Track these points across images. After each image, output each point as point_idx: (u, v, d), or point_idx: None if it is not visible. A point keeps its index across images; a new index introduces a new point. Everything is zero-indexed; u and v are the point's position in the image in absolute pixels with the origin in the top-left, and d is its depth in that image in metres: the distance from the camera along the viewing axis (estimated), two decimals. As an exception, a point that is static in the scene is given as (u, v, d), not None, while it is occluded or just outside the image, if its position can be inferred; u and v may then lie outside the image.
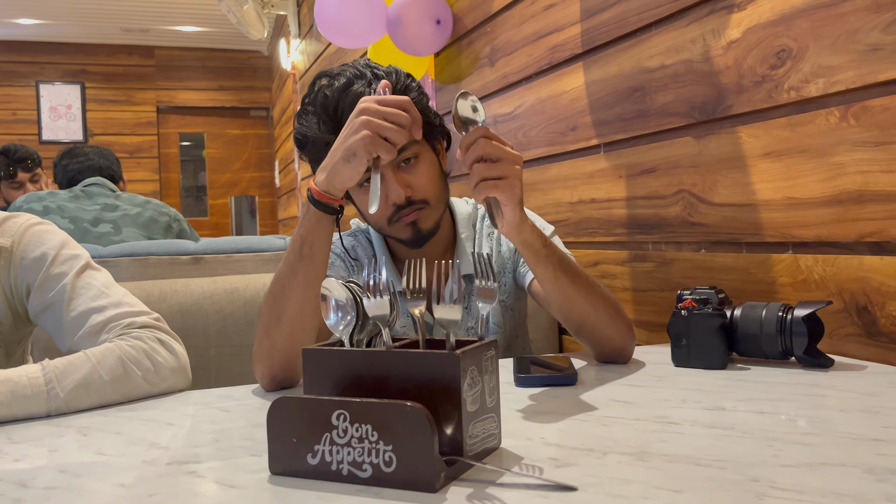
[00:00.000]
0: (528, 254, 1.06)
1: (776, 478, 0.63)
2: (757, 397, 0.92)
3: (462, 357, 0.66)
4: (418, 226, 1.22)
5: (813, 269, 1.21)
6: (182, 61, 8.13)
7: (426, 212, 1.22)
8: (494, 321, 1.35)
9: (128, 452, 0.79)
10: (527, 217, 1.04)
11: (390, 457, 0.63)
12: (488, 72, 2.31)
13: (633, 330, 1.17)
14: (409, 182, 1.20)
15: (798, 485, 0.61)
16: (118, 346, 1.04)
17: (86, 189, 2.43)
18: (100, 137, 7.68)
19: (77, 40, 7.62)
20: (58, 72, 7.64)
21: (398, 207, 1.19)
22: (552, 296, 1.12)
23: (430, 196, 1.22)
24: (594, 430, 0.80)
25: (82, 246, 1.25)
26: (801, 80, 1.20)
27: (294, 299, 1.06)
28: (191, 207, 8.28)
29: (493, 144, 0.97)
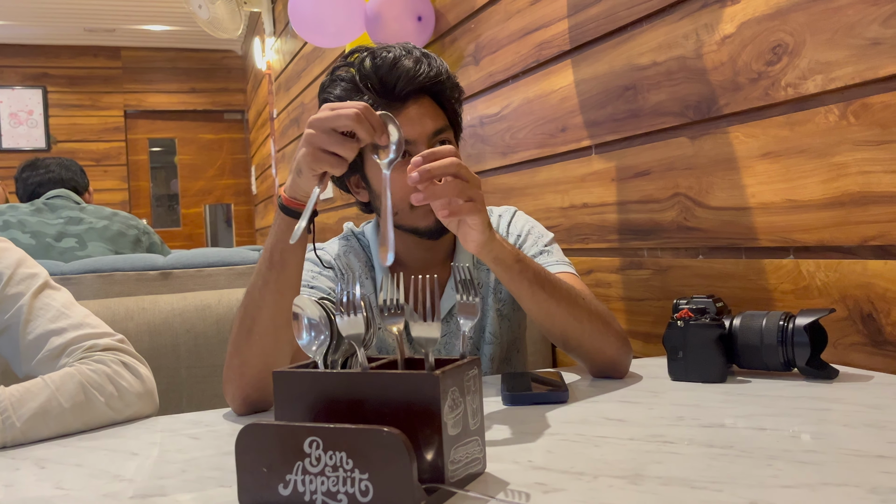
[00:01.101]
0: (500, 270, 1.08)
1: (775, 500, 0.63)
2: (757, 413, 0.92)
3: (442, 377, 0.66)
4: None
5: (815, 275, 1.22)
6: (151, 62, 8.10)
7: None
8: (490, 331, 1.36)
9: (88, 486, 0.79)
10: (495, 234, 1.07)
11: (366, 486, 0.63)
12: (473, 71, 2.31)
13: (628, 342, 1.17)
14: None
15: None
16: (79, 370, 1.03)
17: (49, 202, 2.42)
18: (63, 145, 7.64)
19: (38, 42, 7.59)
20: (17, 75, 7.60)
21: None
22: (531, 312, 1.13)
23: None
24: (585, 451, 0.80)
25: (42, 263, 1.24)
26: (799, 77, 1.21)
27: (265, 310, 1.05)
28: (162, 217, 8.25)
29: (464, 165, 1.02)
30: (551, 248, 1.33)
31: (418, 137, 1.22)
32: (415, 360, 0.75)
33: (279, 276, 1.05)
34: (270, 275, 1.06)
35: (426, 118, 1.23)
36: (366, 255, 1.35)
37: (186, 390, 1.58)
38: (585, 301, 1.14)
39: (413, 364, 0.74)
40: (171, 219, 8.30)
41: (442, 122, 1.25)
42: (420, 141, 1.22)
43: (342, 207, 4.10)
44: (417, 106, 1.23)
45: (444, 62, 1.27)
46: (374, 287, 1.32)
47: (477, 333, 1.36)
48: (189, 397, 1.57)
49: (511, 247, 1.10)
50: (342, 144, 0.97)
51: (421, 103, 1.24)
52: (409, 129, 1.21)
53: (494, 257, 1.07)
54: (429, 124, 1.23)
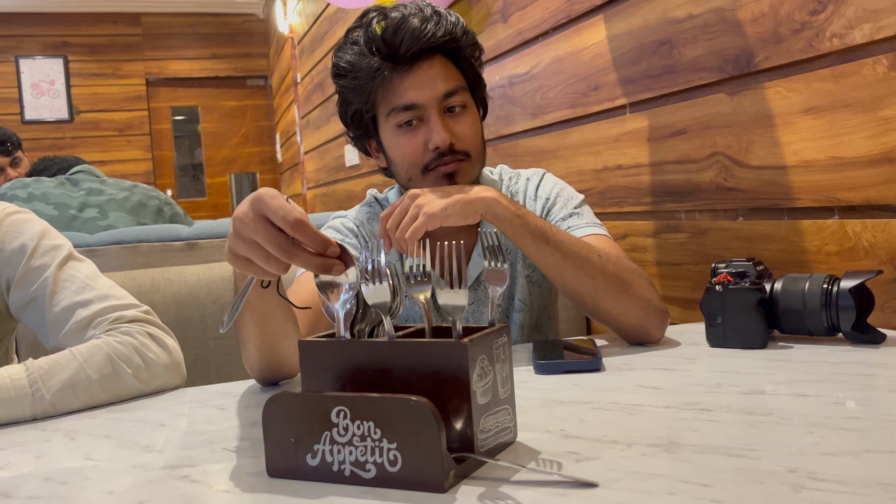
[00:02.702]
0: (502, 227, 1.12)
1: (816, 468, 0.62)
2: (799, 379, 0.91)
3: (470, 345, 0.66)
4: (455, 179, 1.24)
5: (861, 236, 1.20)
6: (171, 28, 8.13)
7: (466, 165, 1.25)
8: (520, 298, 1.36)
9: (118, 457, 0.81)
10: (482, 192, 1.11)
11: (395, 455, 0.64)
12: (501, 28, 2.29)
13: (657, 306, 1.16)
14: (454, 129, 1.24)
15: (840, 475, 0.60)
16: (106, 342, 1.05)
17: (71, 177, 2.48)
18: (86, 115, 7.73)
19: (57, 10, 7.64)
20: (38, 45, 7.67)
21: (439, 154, 1.22)
22: (542, 269, 1.16)
23: (473, 150, 1.26)
24: (619, 419, 0.80)
25: (66, 235, 1.26)
26: (845, 27, 1.18)
27: (250, 338, 1.00)
28: (187, 187, 8.33)
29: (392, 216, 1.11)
30: (581, 209, 1.32)
31: (427, 101, 1.22)
32: (442, 328, 0.75)
33: (252, 313, 0.97)
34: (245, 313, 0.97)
35: (436, 80, 1.23)
36: None
37: (214, 361, 1.61)
38: (602, 259, 1.14)
39: (441, 332, 0.75)
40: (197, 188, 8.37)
41: (455, 84, 1.24)
42: (430, 104, 1.22)
43: (368, 175, 4.11)
44: (427, 67, 1.23)
45: (460, 19, 1.26)
46: (401, 255, 1.33)
47: (506, 301, 1.36)
48: (217, 368, 1.60)
49: (510, 202, 1.12)
50: (260, 260, 0.76)
51: (432, 64, 1.23)
52: (417, 93, 1.22)
53: (494, 214, 1.11)
54: (439, 86, 1.22)
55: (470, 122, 1.26)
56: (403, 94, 1.22)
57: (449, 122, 1.24)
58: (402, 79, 1.22)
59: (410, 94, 1.22)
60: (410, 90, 1.22)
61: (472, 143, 1.26)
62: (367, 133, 1.31)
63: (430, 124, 1.22)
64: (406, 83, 1.22)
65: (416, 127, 1.24)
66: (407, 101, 1.22)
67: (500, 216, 1.11)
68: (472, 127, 1.26)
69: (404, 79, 1.22)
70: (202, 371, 1.57)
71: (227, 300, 1.63)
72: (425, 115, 1.23)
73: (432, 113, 1.22)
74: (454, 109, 1.25)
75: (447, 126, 1.23)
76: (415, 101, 1.22)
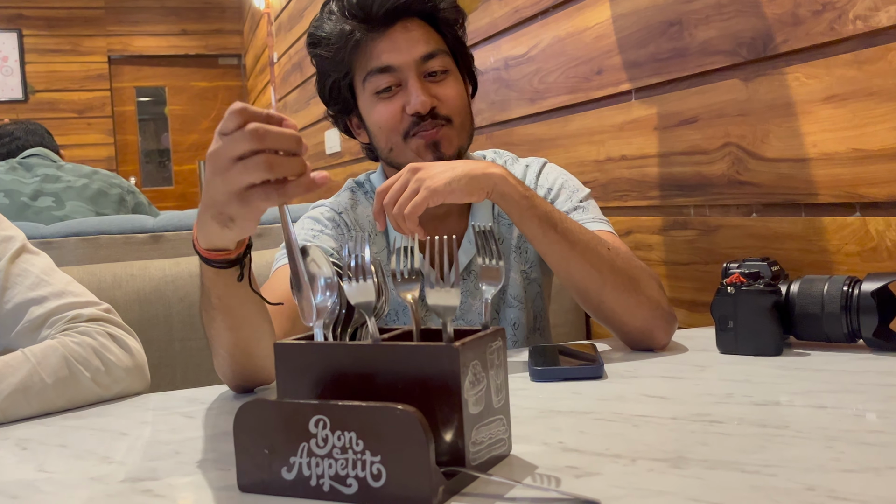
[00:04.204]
0: (508, 207, 1.12)
1: (836, 485, 0.62)
2: (817, 389, 0.92)
3: (462, 350, 0.66)
4: (440, 148, 1.25)
5: (885, 235, 1.20)
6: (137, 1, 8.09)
7: (448, 131, 1.26)
8: (512, 294, 1.37)
9: (74, 468, 0.80)
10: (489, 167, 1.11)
11: (379, 469, 0.63)
12: (496, 6, 2.29)
13: (666, 310, 1.17)
14: (435, 92, 1.25)
15: (862, 493, 0.61)
16: (62, 343, 1.04)
17: (24, 161, 2.45)
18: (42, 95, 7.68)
19: (11, -21, 7.60)
20: (-10, 18, 7.63)
21: (419, 119, 1.24)
22: (546, 258, 1.16)
23: (456, 115, 1.27)
24: (622, 431, 0.80)
25: (18, 225, 1.25)
26: (870, 8, 1.18)
27: (221, 342, 1.00)
28: (153, 175, 8.31)
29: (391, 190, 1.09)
30: (587, 203, 1.33)
31: (403, 63, 1.24)
32: (432, 330, 0.75)
33: (225, 316, 0.96)
34: (216, 314, 0.97)
35: (413, 42, 1.25)
36: None
37: (180, 364, 1.60)
38: (610, 253, 1.15)
39: (430, 335, 0.74)
40: (163, 176, 8.35)
41: (434, 46, 1.26)
42: (407, 67, 1.25)
43: (349, 163, 4.10)
44: (403, 29, 1.25)
45: None
46: (387, 242, 1.32)
47: (496, 296, 1.36)
48: (183, 372, 1.59)
49: (518, 182, 1.12)
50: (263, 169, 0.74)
51: (408, 26, 1.26)
52: (393, 55, 1.24)
53: (500, 193, 1.10)
54: (416, 48, 1.25)
55: (452, 85, 1.28)
56: (378, 56, 1.25)
57: (429, 85, 1.26)
58: (377, 41, 1.25)
59: (386, 57, 1.24)
60: (386, 52, 1.25)
61: (454, 108, 1.27)
62: (347, 107, 1.33)
63: (408, 88, 1.24)
64: (381, 45, 1.25)
65: (394, 92, 1.26)
66: (382, 64, 1.24)
67: (507, 195, 1.11)
68: (454, 90, 1.28)
69: (379, 41, 1.25)
70: (167, 375, 1.57)
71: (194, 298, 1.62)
72: (403, 80, 1.25)
73: (410, 76, 1.24)
74: (435, 74, 1.27)
75: (426, 89, 1.25)
76: (390, 62, 1.24)
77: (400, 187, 1.09)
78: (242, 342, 0.99)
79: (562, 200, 1.33)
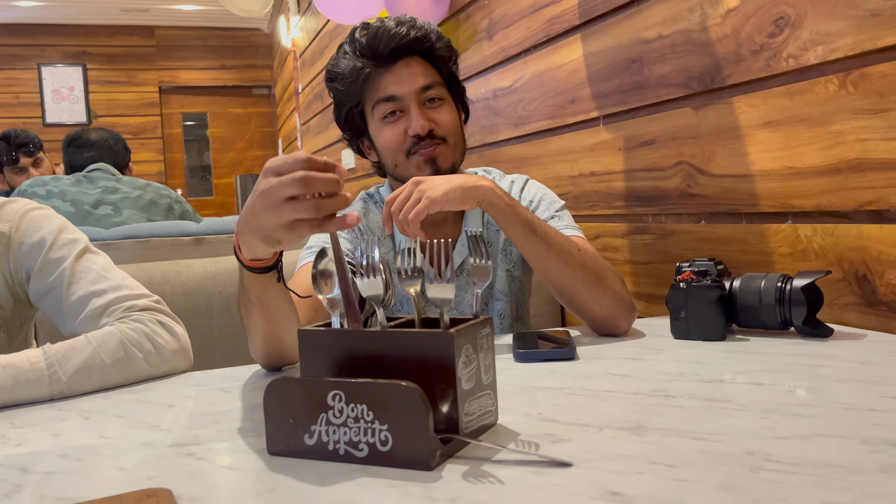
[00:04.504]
0: (494, 214, 1.13)
1: (770, 450, 0.62)
2: (755, 369, 0.91)
3: (456, 335, 0.66)
4: (437, 163, 1.26)
5: (812, 239, 1.20)
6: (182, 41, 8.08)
7: (444, 149, 1.27)
8: (499, 289, 1.37)
9: (129, 435, 0.80)
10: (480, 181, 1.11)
11: (386, 436, 0.63)
12: (486, 45, 2.28)
13: (628, 302, 1.17)
14: (432, 117, 1.27)
15: (792, 457, 0.60)
16: (119, 329, 1.04)
17: (88, 174, 2.43)
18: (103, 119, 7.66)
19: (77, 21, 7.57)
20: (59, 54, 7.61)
21: (418, 139, 1.26)
22: (527, 257, 1.17)
23: (450, 136, 1.29)
24: (591, 404, 0.80)
25: (82, 229, 1.24)
26: (800, 48, 1.18)
27: (258, 331, 0.99)
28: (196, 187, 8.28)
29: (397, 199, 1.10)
30: (562, 213, 1.33)
31: (406, 93, 1.26)
32: (431, 319, 0.75)
33: (263, 311, 0.96)
34: (254, 309, 0.96)
35: (414, 76, 1.26)
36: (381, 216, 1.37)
37: (219, 348, 1.59)
38: (581, 253, 1.16)
39: (429, 323, 0.74)
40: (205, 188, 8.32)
41: (431, 79, 1.28)
42: (409, 97, 1.26)
43: (363, 177, 4.09)
44: (405, 65, 1.27)
45: (433, 26, 1.30)
46: (394, 244, 1.33)
47: (485, 290, 1.37)
48: (222, 354, 1.59)
49: (504, 193, 1.14)
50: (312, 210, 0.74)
51: (409, 63, 1.27)
52: (397, 87, 1.26)
53: (489, 202, 1.12)
54: (417, 81, 1.26)
55: (447, 111, 1.29)
56: (385, 88, 1.26)
57: (428, 111, 1.27)
58: (383, 75, 1.26)
59: (391, 88, 1.26)
60: (391, 84, 1.26)
61: (448, 130, 1.28)
62: (359, 131, 1.34)
63: (409, 114, 1.26)
64: (387, 79, 1.26)
65: (398, 117, 1.27)
66: (388, 94, 1.26)
67: (494, 204, 1.12)
68: (448, 115, 1.29)
69: (385, 75, 1.26)
70: (208, 356, 1.56)
71: (231, 291, 1.62)
72: (406, 107, 1.26)
73: (411, 104, 1.26)
74: (433, 101, 1.28)
75: (425, 115, 1.26)
76: (395, 93, 1.26)
77: (405, 197, 1.10)
78: (275, 330, 0.99)
79: (541, 210, 1.33)
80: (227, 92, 8.33)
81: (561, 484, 0.58)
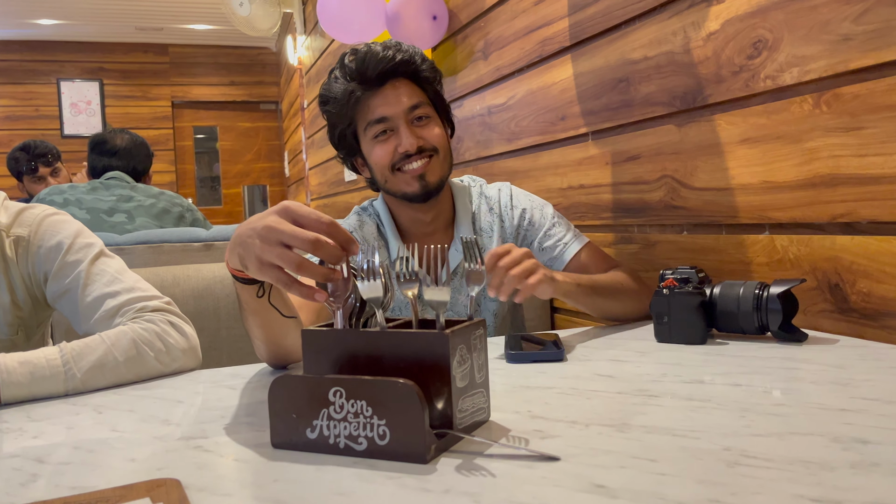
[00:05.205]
0: (569, 300, 1.18)
1: (747, 447, 0.63)
2: (733, 371, 0.92)
3: (451, 336, 0.66)
4: (426, 178, 1.28)
5: (788, 249, 1.21)
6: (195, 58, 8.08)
7: (434, 161, 1.29)
8: None
9: (140, 429, 0.80)
10: (554, 277, 1.12)
11: (384, 430, 0.63)
12: (482, 65, 2.29)
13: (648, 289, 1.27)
14: (420, 134, 1.28)
15: (767, 453, 0.61)
16: (131, 328, 1.04)
17: (104, 182, 2.42)
18: (118, 131, 7.64)
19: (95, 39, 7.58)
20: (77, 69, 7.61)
21: (407, 155, 1.27)
22: (590, 312, 1.25)
23: (440, 146, 1.30)
24: (578, 403, 0.80)
25: (97, 235, 1.24)
26: (777, 70, 1.19)
27: (257, 335, 1.00)
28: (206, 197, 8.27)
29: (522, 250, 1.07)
30: (556, 218, 1.39)
31: (395, 113, 1.27)
32: (427, 320, 0.75)
33: (254, 317, 0.95)
34: (246, 315, 0.97)
35: (401, 97, 1.27)
36: (377, 226, 1.37)
37: (226, 348, 1.59)
38: (623, 285, 1.26)
39: (426, 324, 0.74)
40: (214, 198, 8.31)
41: (418, 99, 1.29)
42: (397, 116, 1.27)
43: (364, 188, 4.09)
44: (393, 87, 1.28)
45: (418, 49, 1.31)
46: (388, 255, 1.34)
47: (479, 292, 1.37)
48: (229, 354, 1.59)
49: (566, 276, 1.17)
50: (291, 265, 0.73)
51: (396, 85, 1.28)
52: (385, 108, 1.27)
53: (564, 293, 1.15)
54: (404, 101, 1.27)
55: (434, 127, 1.30)
56: (374, 110, 1.27)
57: (416, 129, 1.28)
58: (373, 97, 1.28)
59: (381, 110, 1.27)
60: (380, 106, 1.27)
61: (438, 142, 1.30)
62: (352, 150, 1.35)
63: (399, 132, 1.27)
64: (376, 101, 1.27)
65: (388, 136, 1.29)
66: (378, 116, 1.27)
67: (569, 293, 1.17)
68: (436, 130, 1.30)
69: (374, 97, 1.27)
70: (215, 356, 1.56)
71: (238, 295, 1.61)
72: (395, 126, 1.27)
73: (400, 123, 1.27)
74: (421, 120, 1.29)
75: (413, 132, 1.27)
76: (384, 114, 1.27)
77: (519, 256, 1.05)
78: (272, 336, 0.99)
79: (537, 216, 1.37)
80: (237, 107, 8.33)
81: (549, 477, 0.58)
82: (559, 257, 1.36)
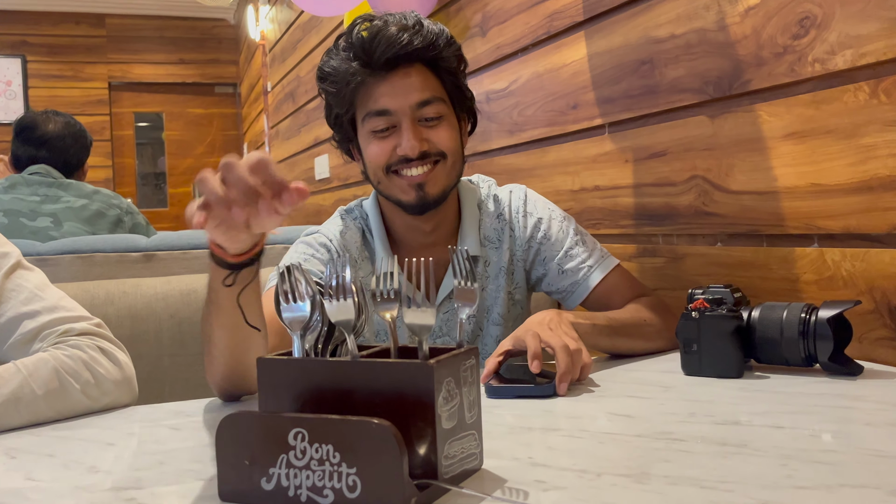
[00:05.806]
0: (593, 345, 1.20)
1: (789, 501, 0.63)
2: (775, 410, 0.92)
3: (436, 367, 0.66)
4: (425, 189, 1.27)
5: (840, 265, 1.22)
6: (137, 31, 8.08)
7: (439, 170, 1.27)
8: (499, 312, 1.40)
9: (61, 477, 0.79)
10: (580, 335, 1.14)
11: (354, 481, 0.63)
12: (479, 43, 2.30)
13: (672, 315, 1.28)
14: (427, 136, 1.27)
15: (813, 509, 0.61)
16: (53, 355, 1.03)
17: (27, 177, 2.39)
18: (44, 118, 7.62)
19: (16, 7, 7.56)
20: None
21: (406, 160, 1.26)
22: (612, 353, 1.28)
23: (449, 151, 1.29)
24: (589, 447, 0.80)
25: (13, 242, 1.24)
26: (827, 52, 1.20)
27: (216, 342, 1.01)
28: (148, 197, 8.25)
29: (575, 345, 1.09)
30: (580, 235, 1.39)
31: (399, 107, 1.25)
32: (409, 348, 0.75)
33: (217, 313, 0.97)
34: (210, 310, 0.98)
35: (411, 88, 1.25)
36: (362, 233, 1.37)
37: (169, 379, 1.59)
38: (647, 321, 1.28)
39: (407, 353, 0.74)
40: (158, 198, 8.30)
41: (430, 94, 1.27)
42: (402, 112, 1.25)
43: (338, 188, 4.10)
44: (404, 75, 1.26)
45: (444, 30, 1.29)
46: (373, 266, 1.34)
47: (481, 313, 1.38)
48: (171, 386, 1.58)
49: (578, 316, 1.20)
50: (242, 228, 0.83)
51: (408, 72, 1.26)
52: (390, 100, 1.25)
53: (593, 346, 1.19)
54: (413, 95, 1.25)
55: (444, 130, 1.28)
56: (377, 99, 1.26)
57: (422, 130, 1.26)
58: (377, 85, 1.25)
59: (384, 101, 1.25)
60: (384, 96, 1.25)
61: (447, 146, 1.28)
62: (348, 137, 1.35)
63: (401, 131, 1.25)
64: (381, 89, 1.25)
65: (389, 133, 1.27)
66: (380, 107, 1.25)
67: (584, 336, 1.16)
68: (446, 133, 1.29)
69: (379, 85, 1.25)
70: (156, 389, 1.55)
71: (184, 315, 1.61)
72: (398, 123, 1.26)
73: (404, 120, 1.25)
74: (431, 120, 1.27)
75: (418, 134, 1.25)
76: (387, 107, 1.25)
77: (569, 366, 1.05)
78: (232, 345, 0.98)
79: (555, 231, 1.37)
80: (186, 90, 8.33)
81: (552, 537, 0.58)
82: (582, 282, 1.36)
